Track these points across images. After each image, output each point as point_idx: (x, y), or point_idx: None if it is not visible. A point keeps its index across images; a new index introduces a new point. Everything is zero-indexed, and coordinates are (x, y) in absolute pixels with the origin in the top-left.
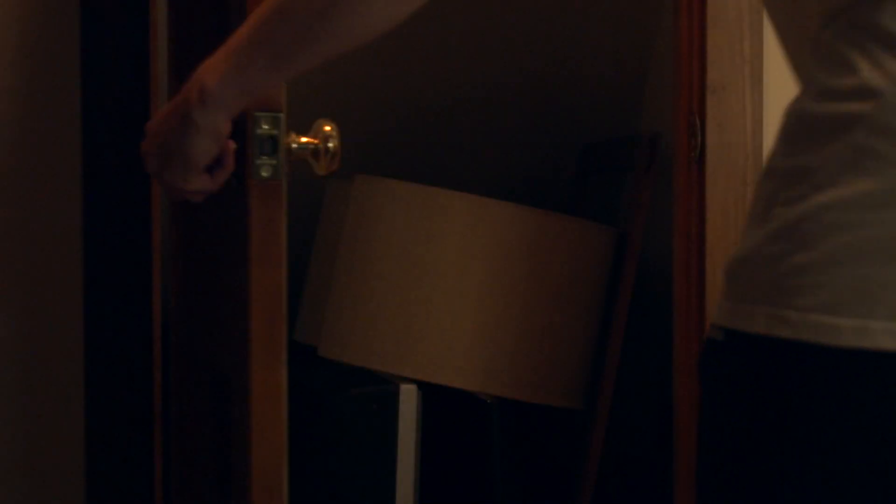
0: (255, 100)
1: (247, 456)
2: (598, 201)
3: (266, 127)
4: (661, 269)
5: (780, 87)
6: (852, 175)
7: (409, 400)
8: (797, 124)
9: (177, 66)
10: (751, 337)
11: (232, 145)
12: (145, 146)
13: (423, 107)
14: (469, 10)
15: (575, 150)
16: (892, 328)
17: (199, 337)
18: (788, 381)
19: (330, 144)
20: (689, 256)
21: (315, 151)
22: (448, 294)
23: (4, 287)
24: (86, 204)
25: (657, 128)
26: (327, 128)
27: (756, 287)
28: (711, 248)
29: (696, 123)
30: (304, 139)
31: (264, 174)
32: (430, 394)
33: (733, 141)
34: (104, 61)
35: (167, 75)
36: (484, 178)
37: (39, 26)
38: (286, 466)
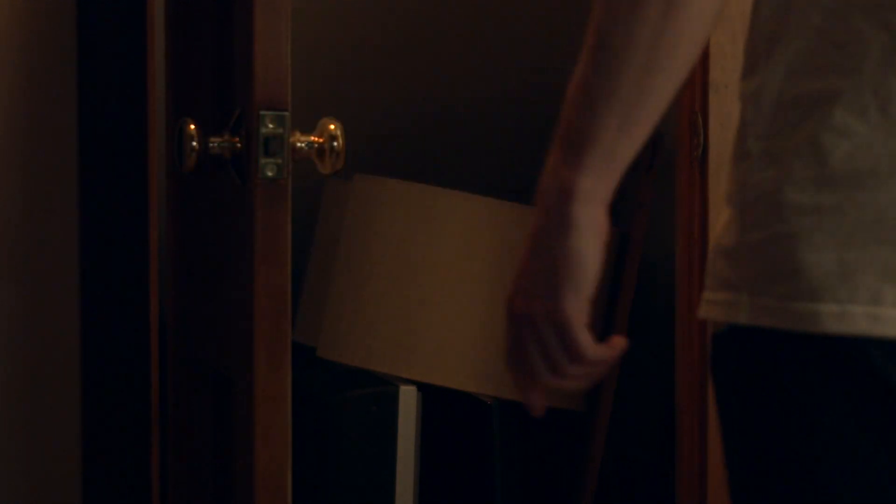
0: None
1: (250, 459)
2: None
3: (271, 126)
4: (664, 269)
5: None
6: (827, 158)
7: (408, 401)
8: (768, 105)
9: (175, 64)
10: (739, 329)
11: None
12: (512, 309)
13: (423, 106)
14: (470, 9)
15: None
16: (872, 312)
17: (199, 338)
18: (774, 370)
19: (335, 143)
20: (691, 256)
21: (320, 150)
22: (448, 294)
23: (0, 286)
24: (82, 202)
25: (659, 127)
26: (332, 126)
27: (738, 276)
28: None
29: (698, 122)
30: (308, 138)
31: (269, 173)
32: (430, 395)
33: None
34: (101, 58)
35: (165, 73)
36: (484, 177)
37: (35, 25)
38: (290, 470)
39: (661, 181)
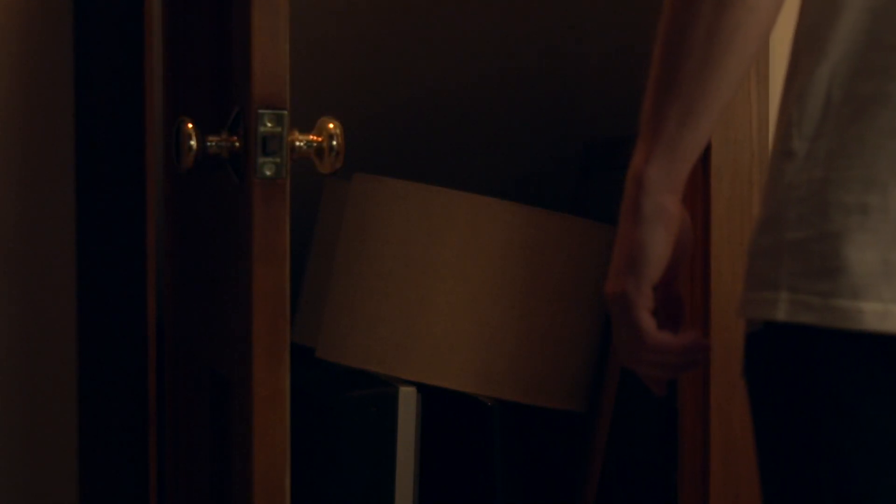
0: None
1: (248, 460)
2: (600, 200)
3: (269, 124)
4: None
5: None
6: (873, 157)
7: (408, 402)
8: (815, 106)
9: (172, 62)
10: (775, 326)
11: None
12: (604, 290)
13: (423, 106)
14: (471, 7)
15: (577, 148)
16: None
17: (197, 338)
18: (814, 366)
19: (334, 142)
20: (693, 256)
21: (319, 149)
22: (448, 295)
23: None
24: (79, 202)
25: None
26: (331, 125)
27: (778, 274)
28: (716, 248)
29: None
30: (307, 137)
31: (268, 173)
32: (430, 396)
33: (738, 138)
34: (98, 57)
35: (162, 72)
36: (484, 177)
37: (32, 23)
38: (288, 471)
39: None
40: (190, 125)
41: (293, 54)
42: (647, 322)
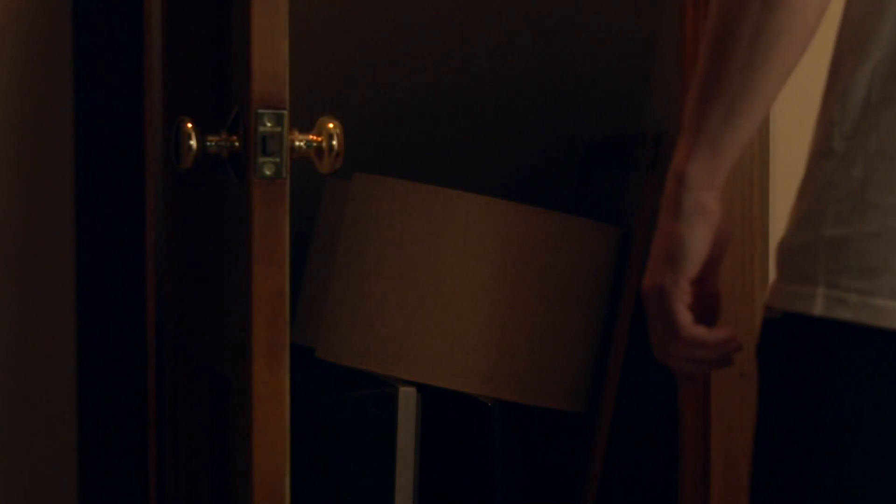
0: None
1: (248, 461)
2: (601, 200)
3: (269, 124)
4: None
5: (787, 84)
6: None
7: (408, 403)
8: (855, 106)
9: (172, 61)
10: (809, 318)
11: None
12: (642, 284)
13: (423, 106)
14: (470, 7)
15: (578, 148)
16: None
17: (196, 339)
18: (847, 362)
19: (334, 142)
20: None
21: (318, 149)
22: (448, 295)
23: None
24: (79, 201)
25: (661, 125)
26: (331, 125)
27: (815, 269)
28: None
29: None
30: (307, 137)
31: (267, 172)
32: (430, 396)
33: None
34: (98, 56)
35: (162, 72)
36: (485, 176)
37: (31, 22)
38: (288, 472)
39: (663, 180)
40: (189, 125)
41: (293, 54)
42: (684, 316)
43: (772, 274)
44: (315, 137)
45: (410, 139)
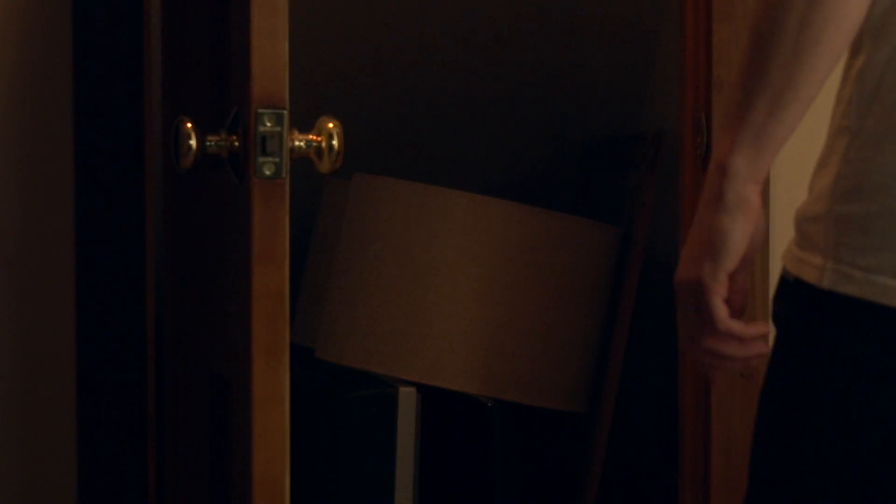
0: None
1: (248, 461)
2: (601, 200)
3: (269, 124)
4: (667, 269)
5: None
6: None
7: (408, 403)
8: (871, 85)
9: (171, 61)
10: (815, 289)
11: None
12: (676, 276)
13: (423, 106)
14: (470, 7)
15: (578, 148)
16: None
17: (196, 339)
18: (849, 334)
19: (333, 142)
20: None
21: (318, 149)
22: (448, 295)
23: None
24: (79, 201)
25: (662, 125)
26: (331, 125)
27: (825, 242)
28: None
29: (701, 120)
30: (307, 136)
31: (267, 172)
32: (430, 396)
33: None
34: (97, 56)
35: (161, 71)
36: (485, 176)
37: (31, 22)
38: (288, 472)
39: (664, 180)
40: (189, 125)
41: (292, 54)
42: (721, 309)
43: (773, 273)
44: (315, 137)
45: (410, 139)
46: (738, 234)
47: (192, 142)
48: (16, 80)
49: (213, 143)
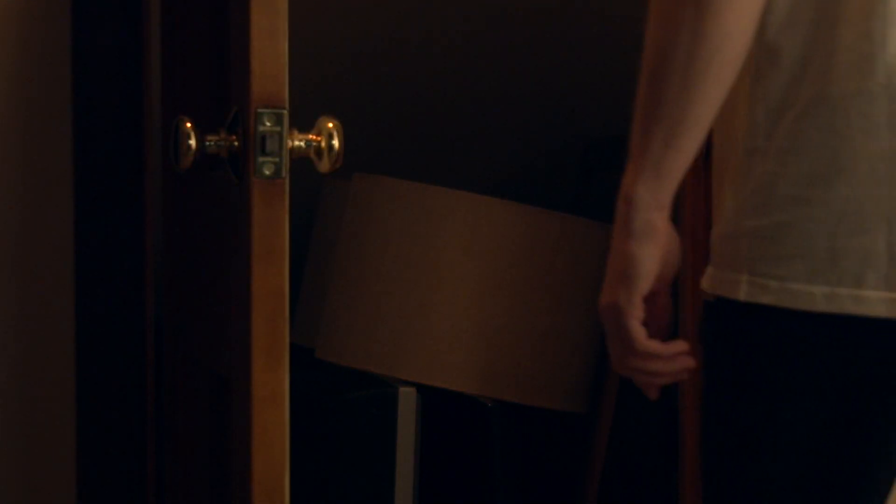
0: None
1: (248, 461)
2: (601, 200)
3: (268, 124)
4: None
5: None
6: (816, 154)
7: (408, 403)
8: (772, 107)
9: (170, 61)
10: (735, 303)
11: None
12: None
13: (423, 106)
14: (470, 7)
15: (578, 147)
16: (856, 294)
17: (196, 338)
18: (771, 342)
19: (333, 142)
20: (695, 256)
21: (318, 149)
22: (448, 295)
23: None
24: (78, 201)
25: None
26: (330, 125)
27: (739, 257)
28: None
29: None
30: (306, 136)
31: (266, 172)
32: (430, 397)
33: (738, 136)
34: (97, 56)
35: (160, 71)
36: (484, 176)
37: (30, 22)
38: (288, 472)
39: None
40: (188, 124)
41: (292, 53)
42: (638, 331)
43: None
44: (314, 137)
45: (410, 139)
46: (647, 260)
47: (192, 141)
48: (15, 80)
49: (212, 143)
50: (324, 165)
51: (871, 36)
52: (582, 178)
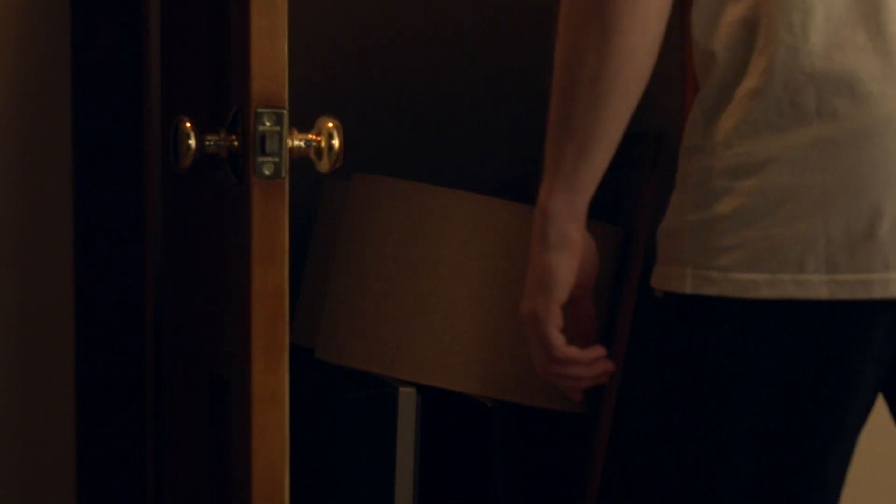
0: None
1: (247, 461)
2: (601, 199)
3: (268, 124)
4: None
5: None
6: (750, 146)
7: (408, 403)
8: (707, 108)
9: (170, 61)
10: (681, 296)
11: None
12: (518, 311)
13: (423, 106)
14: (470, 7)
15: None
16: (798, 279)
17: (196, 338)
18: (717, 331)
19: (333, 142)
20: None
21: (318, 149)
22: (448, 295)
23: None
24: (77, 201)
25: (662, 124)
26: (330, 125)
27: (683, 252)
28: None
29: None
30: (306, 136)
31: (266, 172)
32: (430, 397)
33: None
34: (96, 55)
35: (160, 71)
36: (484, 177)
37: (30, 22)
38: (287, 473)
39: (665, 180)
40: (188, 124)
41: (292, 53)
42: (556, 338)
43: None
44: (314, 137)
45: (410, 139)
46: (563, 270)
47: (192, 141)
48: (15, 80)
49: (212, 143)
50: (324, 165)
51: (792, 29)
52: None
